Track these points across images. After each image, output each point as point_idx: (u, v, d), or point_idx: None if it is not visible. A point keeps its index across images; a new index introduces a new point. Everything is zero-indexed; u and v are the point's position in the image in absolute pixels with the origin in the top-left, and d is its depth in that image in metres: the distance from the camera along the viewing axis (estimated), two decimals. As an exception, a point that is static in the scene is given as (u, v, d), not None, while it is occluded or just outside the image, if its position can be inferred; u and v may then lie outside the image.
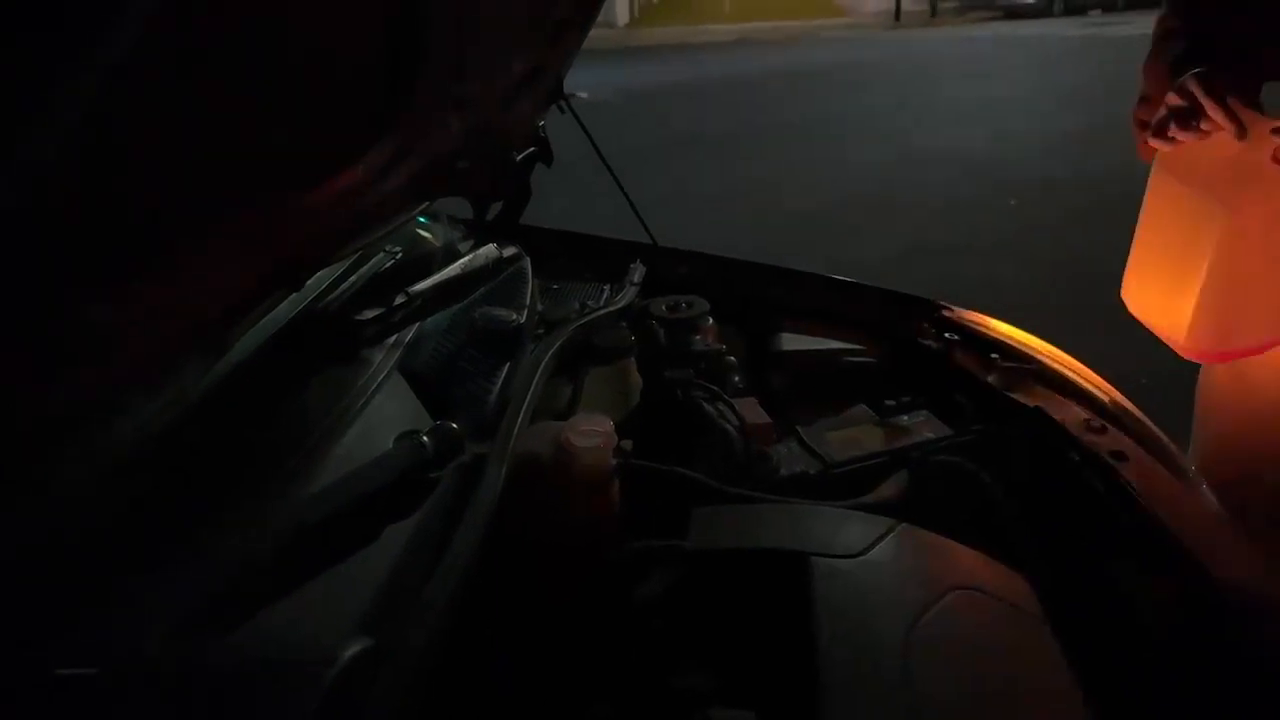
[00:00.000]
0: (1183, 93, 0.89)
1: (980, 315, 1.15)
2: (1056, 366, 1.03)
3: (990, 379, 1.01)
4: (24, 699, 0.44)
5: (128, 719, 0.45)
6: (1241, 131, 0.85)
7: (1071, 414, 0.92)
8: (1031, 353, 1.05)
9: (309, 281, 0.81)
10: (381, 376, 0.75)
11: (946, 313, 1.15)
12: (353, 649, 0.52)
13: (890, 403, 1.01)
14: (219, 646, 0.49)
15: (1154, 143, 0.94)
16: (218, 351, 0.60)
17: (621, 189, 1.29)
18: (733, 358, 1.07)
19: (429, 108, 0.69)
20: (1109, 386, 1.04)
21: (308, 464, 0.63)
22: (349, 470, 0.62)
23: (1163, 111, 0.93)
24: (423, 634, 0.54)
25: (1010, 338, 1.08)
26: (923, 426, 0.97)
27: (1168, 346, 1.01)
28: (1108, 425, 0.90)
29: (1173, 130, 0.90)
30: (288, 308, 0.76)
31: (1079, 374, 1.03)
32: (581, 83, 1.35)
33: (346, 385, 0.73)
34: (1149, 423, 0.99)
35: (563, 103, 1.11)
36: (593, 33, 1.16)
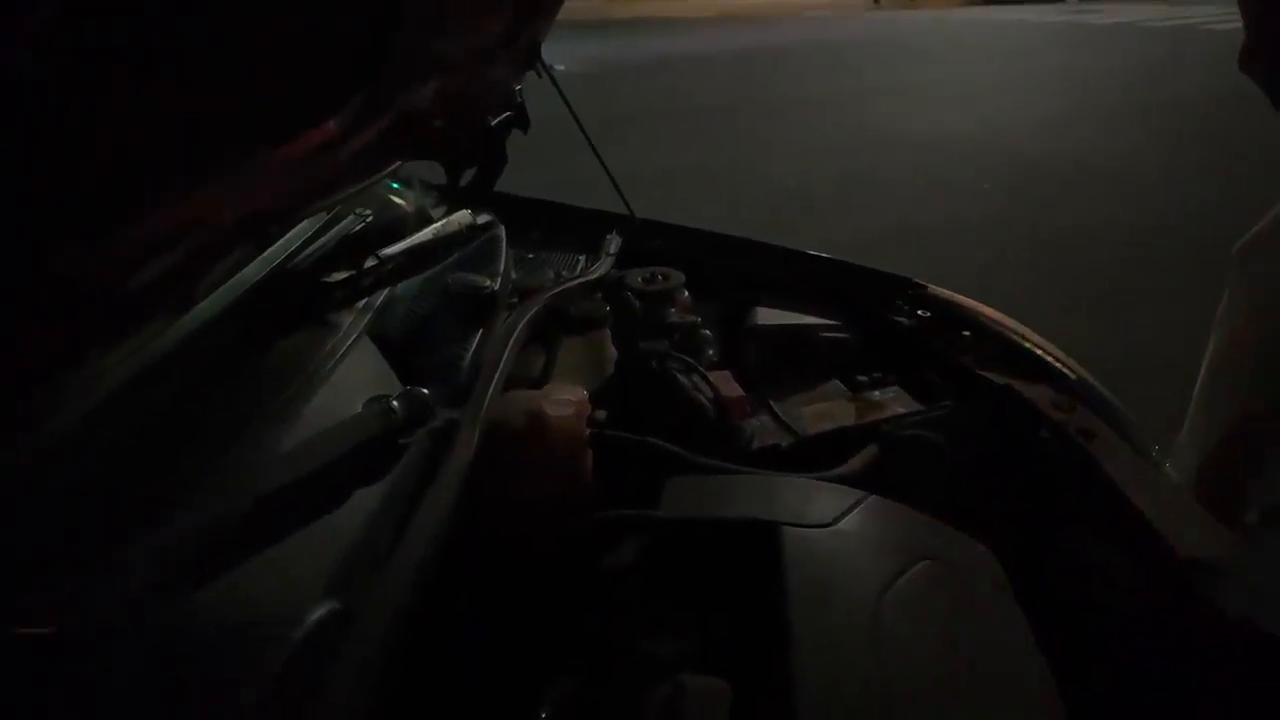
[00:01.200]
0: None
1: (954, 293, 1.16)
2: (1027, 345, 1.04)
3: (962, 356, 1.02)
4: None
5: (89, 679, 0.44)
6: None
7: (1041, 392, 0.93)
8: (1003, 331, 1.06)
9: (278, 242, 0.79)
10: (351, 340, 0.74)
11: (921, 290, 1.16)
12: (318, 612, 0.51)
13: (863, 378, 1.02)
14: (183, 608, 0.48)
15: None
16: (183, 307, 0.58)
17: (600, 160, 1.27)
18: (707, 331, 1.06)
19: (406, 64, 0.67)
20: (1078, 366, 1.05)
21: (274, 426, 0.61)
22: (317, 433, 0.60)
23: None
24: (390, 598, 0.53)
25: (983, 315, 1.09)
26: (894, 402, 0.98)
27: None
28: (1076, 404, 0.92)
29: None
30: (256, 268, 0.74)
31: (1049, 353, 1.05)
32: (559, 55, 1.32)
33: (315, 348, 0.71)
34: (1117, 402, 1.00)
35: (540, 67, 1.09)
36: (570, 4, 1.14)
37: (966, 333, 1.06)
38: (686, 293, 1.11)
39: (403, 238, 0.92)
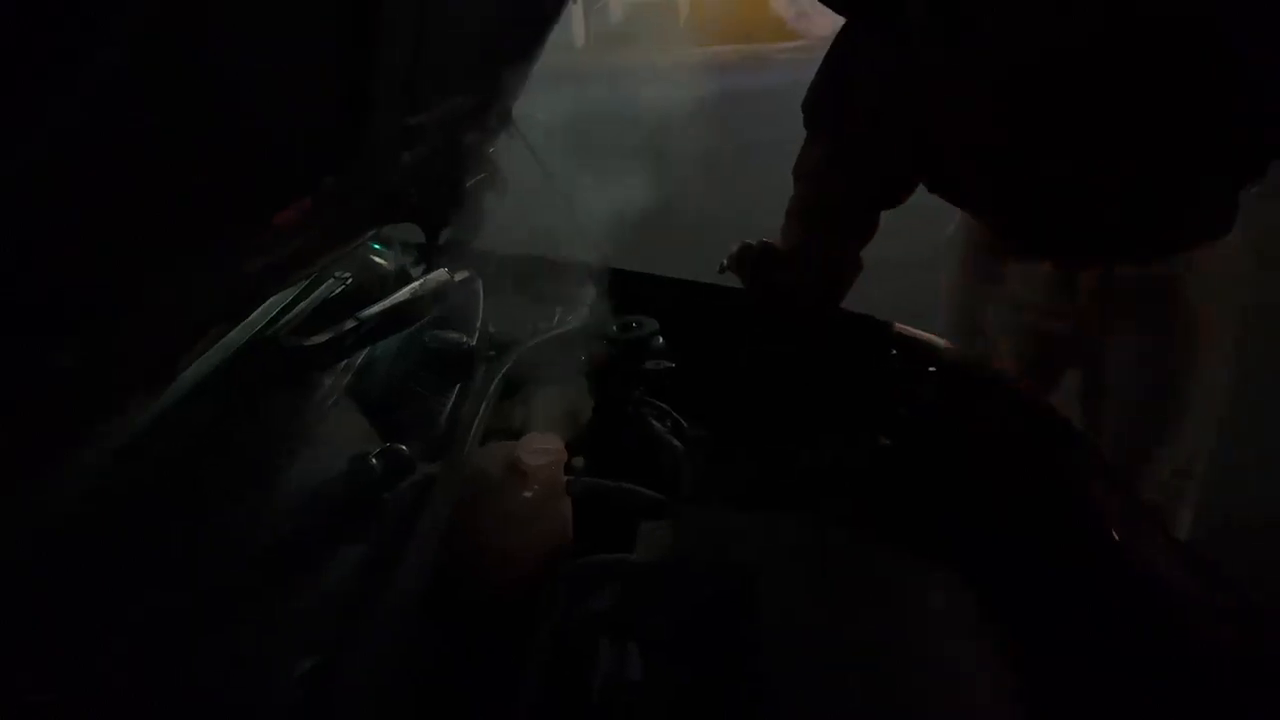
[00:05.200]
0: None
1: (923, 332, 1.20)
2: (990, 378, 1.09)
3: (926, 391, 1.06)
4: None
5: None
6: None
7: (1002, 418, 0.97)
8: (967, 366, 1.11)
9: (259, 309, 0.82)
10: (332, 401, 0.77)
11: (887, 328, 1.20)
12: (303, 667, 0.53)
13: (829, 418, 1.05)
14: (175, 669, 0.50)
15: None
16: (167, 379, 0.61)
17: (573, 209, 1.31)
18: (677, 379, 1.10)
19: (381, 140, 0.71)
20: (1043, 398, 1.09)
21: (260, 487, 0.64)
22: (300, 494, 0.63)
23: None
24: (372, 651, 0.56)
25: (948, 353, 1.13)
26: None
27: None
28: (1036, 432, 0.95)
29: None
30: (238, 334, 0.77)
31: (1013, 384, 1.09)
32: (538, 105, 1.37)
33: (298, 410, 0.74)
34: (1083, 430, 1.04)
35: (512, 129, 1.14)
36: (549, 56, 1.19)
37: (931, 369, 1.10)
38: (661, 339, 1.14)
39: (382, 298, 0.95)
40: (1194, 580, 0.78)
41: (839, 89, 1.23)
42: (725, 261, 1.20)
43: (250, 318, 0.76)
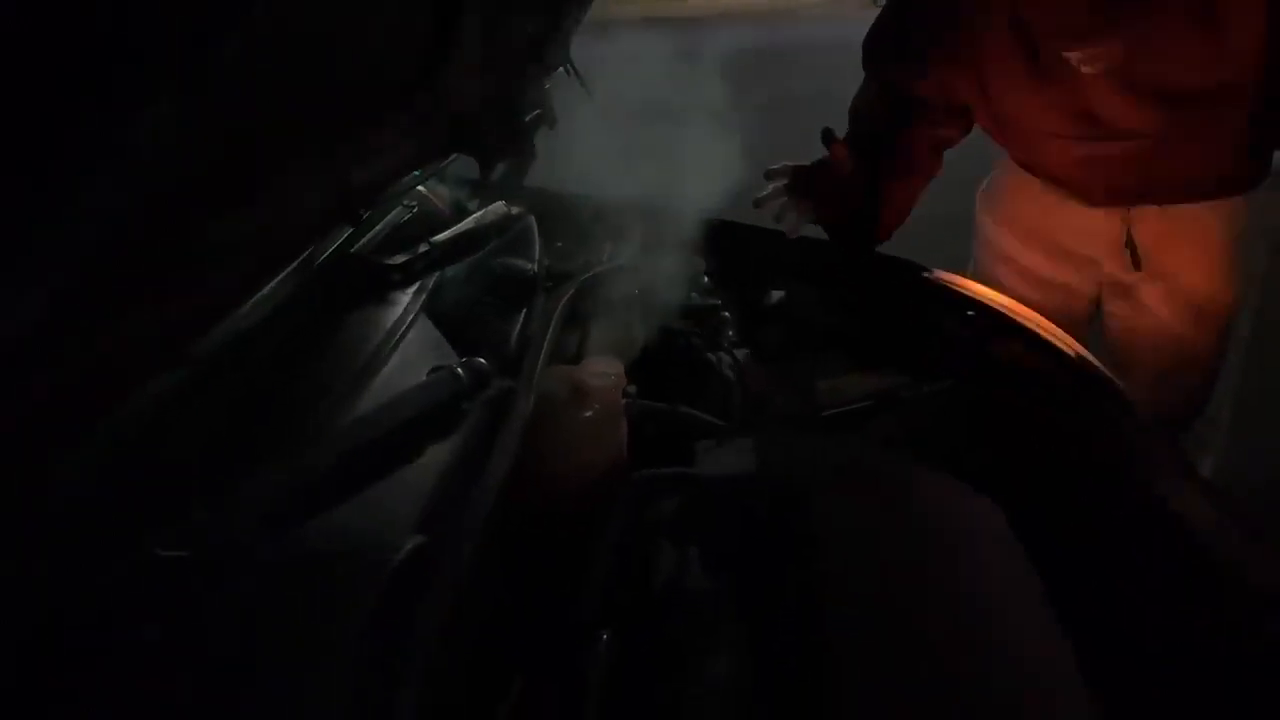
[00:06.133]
0: None
1: (958, 277, 1.23)
2: (1027, 324, 1.12)
3: (964, 333, 1.09)
4: (130, 577, 0.50)
5: (215, 596, 0.52)
6: None
7: (1037, 364, 1.00)
8: (1004, 311, 1.13)
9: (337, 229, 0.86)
10: (411, 317, 0.81)
11: (925, 274, 1.23)
12: (410, 544, 0.58)
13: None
14: (296, 540, 0.55)
15: None
16: (290, 259, 0.65)
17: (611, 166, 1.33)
18: (727, 313, 1.13)
19: (461, 65, 0.74)
20: (1076, 344, 1.12)
21: (353, 391, 0.69)
22: (393, 396, 0.68)
23: None
24: (465, 538, 0.60)
25: (985, 297, 1.16)
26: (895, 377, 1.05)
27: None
28: (1073, 380, 0.99)
29: None
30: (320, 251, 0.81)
31: (1047, 331, 1.12)
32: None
33: (380, 324, 0.78)
34: (1115, 379, 1.07)
35: (568, 67, 1.16)
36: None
37: (970, 313, 1.13)
38: (707, 278, 1.18)
39: (444, 227, 0.99)
40: (1224, 520, 0.82)
41: (903, 23, 1.24)
42: (769, 189, 1.23)
43: (338, 236, 0.80)
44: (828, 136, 1.23)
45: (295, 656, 0.52)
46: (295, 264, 0.72)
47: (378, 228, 0.90)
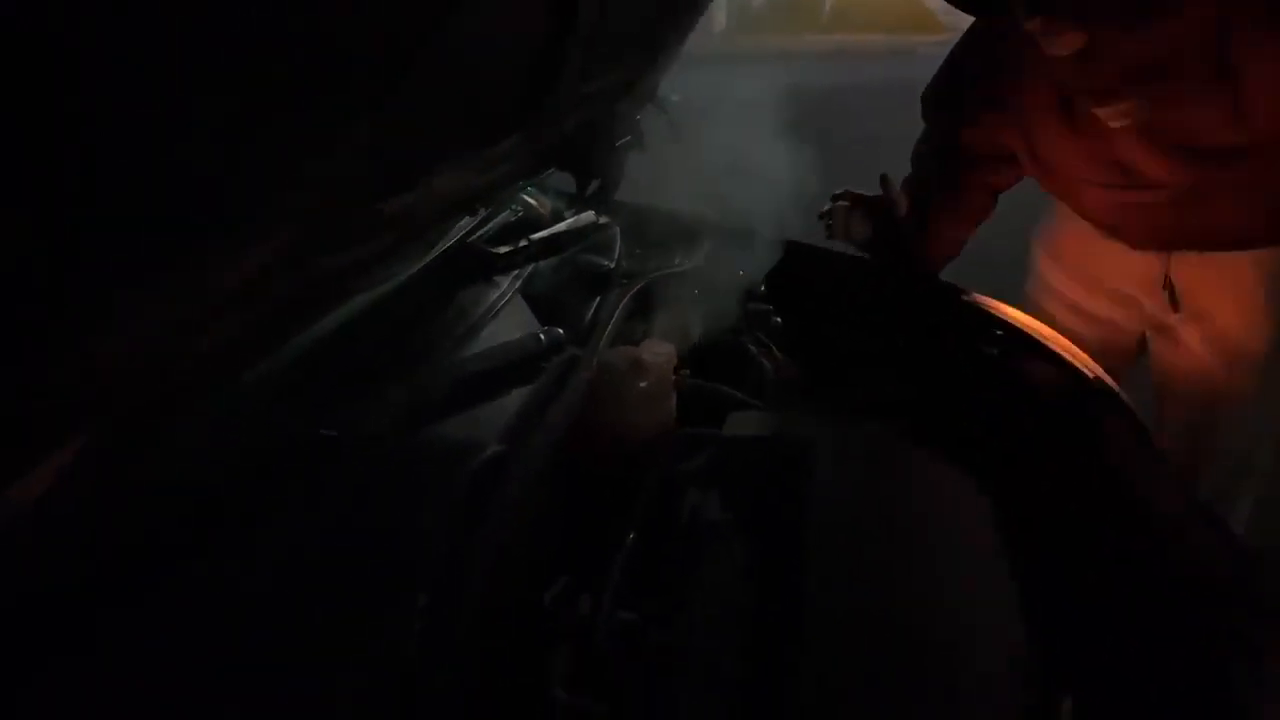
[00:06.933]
0: None
1: (992, 300, 1.36)
2: (1050, 344, 1.24)
3: (991, 350, 1.22)
4: (303, 445, 0.72)
5: (351, 469, 0.74)
6: None
7: (1054, 379, 1.13)
8: (1029, 331, 1.26)
9: (461, 222, 1.10)
10: (509, 296, 1.03)
11: (964, 297, 1.36)
12: (491, 450, 0.79)
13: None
14: (413, 437, 0.77)
15: None
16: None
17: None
18: (777, 319, 1.31)
19: (561, 102, 0.96)
20: (1094, 364, 1.24)
21: (464, 343, 0.91)
22: (491, 348, 0.89)
23: None
24: (536, 452, 0.81)
25: (1013, 319, 1.29)
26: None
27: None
28: (1090, 398, 1.11)
29: None
30: (445, 241, 1.05)
31: (1069, 352, 1.24)
32: (678, 85, 1.60)
33: (485, 297, 1.01)
34: (1127, 400, 1.18)
35: (659, 102, 1.37)
36: (694, 39, 1.41)
37: (999, 331, 1.26)
38: (763, 287, 1.36)
39: (541, 228, 1.21)
40: (1192, 518, 0.93)
41: (958, 79, 1.39)
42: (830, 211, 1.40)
43: (456, 229, 1.03)
44: (884, 181, 1.39)
45: (406, 516, 0.73)
46: (429, 246, 0.96)
47: (489, 224, 1.14)
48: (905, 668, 0.69)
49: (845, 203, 1.46)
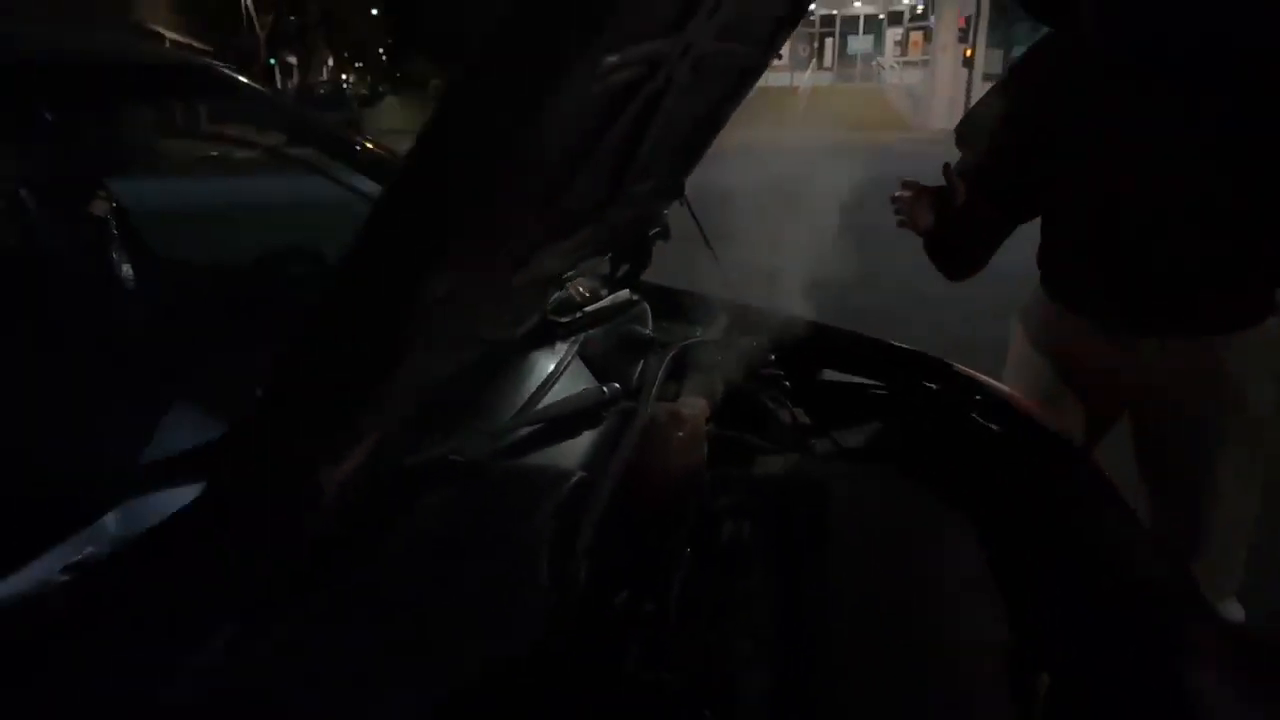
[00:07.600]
0: None
1: (974, 371, 1.57)
2: (1027, 409, 1.45)
3: (972, 418, 1.43)
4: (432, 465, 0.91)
5: (468, 487, 0.92)
6: None
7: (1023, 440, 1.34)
8: (1009, 399, 1.47)
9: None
10: (569, 358, 1.23)
11: (948, 367, 1.58)
12: (576, 478, 0.98)
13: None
14: (511, 467, 0.96)
15: None
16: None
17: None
18: (787, 383, 1.52)
19: (619, 199, 1.18)
20: (1045, 416, 1.45)
21: (538, 393, 1.10)
22: (559, 400, 1.09)
23: None
24: (608, 482, 0.99)
25: (994, 389, 1.50)
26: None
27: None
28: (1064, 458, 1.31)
29: None
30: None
31: (1041, 419, 1.45)
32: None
33: (549, 359, 1.21)
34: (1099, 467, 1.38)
35: (684, 200, 1.61)
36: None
37: (978, 397, 1.47)
38: (773, 356, 1.57)
39: (589, 304, 1.43)
40: (1148, 550, 1.13)
41: (984, 111, 1.59)
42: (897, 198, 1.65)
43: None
44: (946, 171, 1.58)
45: (510, 531, 0.91)
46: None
47: (552, 299, 1.35)
48: (913, 659, 0.87)
49: (909, 193, 1.64)
